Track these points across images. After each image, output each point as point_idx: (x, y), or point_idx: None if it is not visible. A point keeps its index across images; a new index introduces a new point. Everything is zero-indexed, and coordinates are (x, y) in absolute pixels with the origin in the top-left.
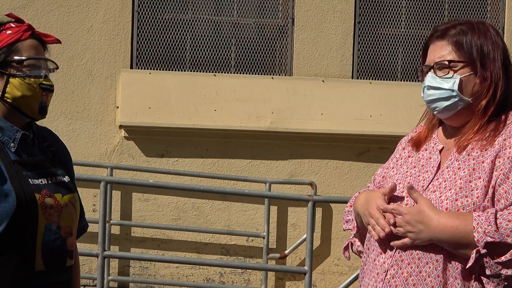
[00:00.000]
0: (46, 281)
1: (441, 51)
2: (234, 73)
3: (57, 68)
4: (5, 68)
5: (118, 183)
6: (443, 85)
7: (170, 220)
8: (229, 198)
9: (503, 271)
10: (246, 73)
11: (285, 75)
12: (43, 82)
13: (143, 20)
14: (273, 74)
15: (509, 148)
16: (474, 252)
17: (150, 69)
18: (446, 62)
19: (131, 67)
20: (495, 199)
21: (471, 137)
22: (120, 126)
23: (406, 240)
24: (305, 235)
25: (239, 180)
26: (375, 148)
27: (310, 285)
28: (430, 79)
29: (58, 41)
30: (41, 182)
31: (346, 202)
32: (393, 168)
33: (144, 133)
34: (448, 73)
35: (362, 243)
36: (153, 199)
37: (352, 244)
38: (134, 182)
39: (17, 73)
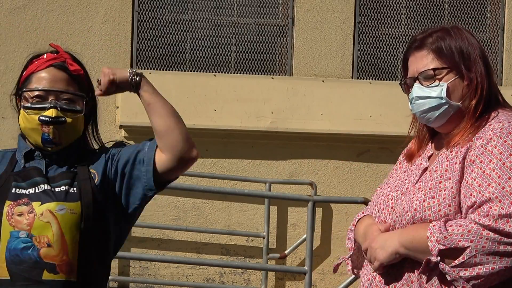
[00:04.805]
0: None
1: (423, 60)
2: (234, 73)
3: (79, 95)
4: (20, 99)
5: None
6: (431, 93)
7: (170, 220)
8: (229, 198)
9: (462, 273)
10: (246, 73)
11: (285, 75)
12: (43, 114)
13: (143, 20)
14: (273, 74)
15: (479, 141)
16: (424, 260)
17: (150, 69)
18: (431, 71)
19: (131, 67)
20: (462, 195)
21: (461, 135)
22: (120, 126)
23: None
24: (305, 235)
25: (239, 180)
26: (375, 148)
27: (310, 285)
28: (417, 89)
29: (80, 71)
30: (29, 191)
31: (346, 202)
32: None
33: (144, 133)
34: (434, 82)
35: (355, 266)
36: (153, 199)
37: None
38: None
39: (25, 105)
